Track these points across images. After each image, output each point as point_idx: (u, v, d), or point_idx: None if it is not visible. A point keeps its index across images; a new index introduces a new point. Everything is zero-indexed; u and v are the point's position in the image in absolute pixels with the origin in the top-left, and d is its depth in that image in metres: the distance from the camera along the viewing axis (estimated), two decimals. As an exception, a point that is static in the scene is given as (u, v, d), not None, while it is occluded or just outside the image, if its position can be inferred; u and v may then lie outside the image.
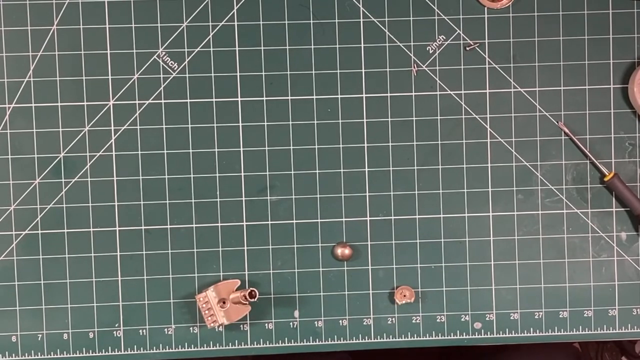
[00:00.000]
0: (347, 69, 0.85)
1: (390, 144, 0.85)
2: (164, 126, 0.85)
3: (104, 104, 0.84)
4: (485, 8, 0.85)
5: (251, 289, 0.81)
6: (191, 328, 0.85)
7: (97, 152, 0.84)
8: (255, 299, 0.81)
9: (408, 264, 0.85)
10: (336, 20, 0.85)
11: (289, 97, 0.85)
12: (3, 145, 0.84)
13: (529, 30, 0.85)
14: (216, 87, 0.85)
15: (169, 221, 0.85)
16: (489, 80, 0.86)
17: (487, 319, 0.86)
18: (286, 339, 0.85)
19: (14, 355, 0.84)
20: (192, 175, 0.85)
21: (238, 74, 0.85)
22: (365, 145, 0.85)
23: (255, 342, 0.85)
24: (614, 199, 0.86)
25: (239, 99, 0.85)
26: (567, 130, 0.86)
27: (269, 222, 0.85)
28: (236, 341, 0.85)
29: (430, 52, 0.85)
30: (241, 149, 0.85)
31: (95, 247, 0.84)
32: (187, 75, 0.85)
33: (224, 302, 0.82)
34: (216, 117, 0.85)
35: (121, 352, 0.85)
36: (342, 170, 0.85)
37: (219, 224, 0.85)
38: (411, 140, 0.85)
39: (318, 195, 0.85)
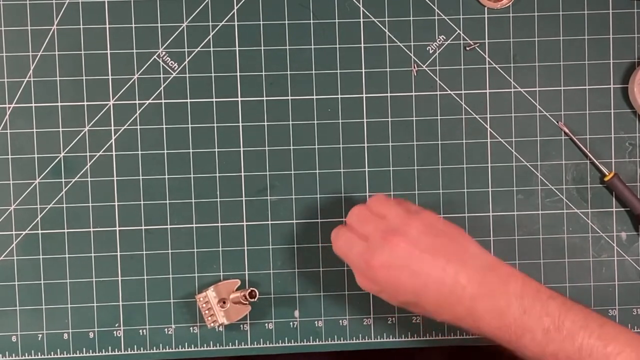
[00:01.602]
0: (347, 69, 0.85)
1: (390, 144, 0.85)
2: (164, 126, 0.85)
3: (104, 104, 0.84)
4: (485, 8, 0.85)
5: (251, 288, 0.81)
6: (191, 328, 0.85)
7: (97, 152, 0.84)
8: (255, 299, 0.81)
9: (408, 264, 0.85)
10: (336, 20, 0.85)
11: (289, 97, 0.85)
12: (3, 145, 0.84)
13: (529, 30, 0.86)
14: (216, 87, 0.85)
15: (169, 221, 0.85)
16: (489, 80, 0.86)
17: (487, 319, 0.86)
18: (286, 339, 0.85)
19: (14, 355, 0.84)
20: (192, 175, 0.85)
21: (238, 74, 0.85)
22: (365, 145, 0.85)
23: (255, 342, 0.85)
24: (614, 199, 0.86)
25: (239, 99, 0.85)
26: (567, 130, 0.86)
27: (269, 222, 0.85)
28: (236, 341, 0.85)
29: (430, 52, 0.85)
30: (241, 149, 0.85)
31: (95, 247, 0.84)
32: (187, 75, 0.85)
33: (224, 302, 0.82)
34: (216, 117, 0.85)
35: (121, 352, 0.85)
36: (342, 170, 0.85)
37: (219, 224, 0.85)
38: (411, 140, 0.85)
39: (318, 195, 0.85)
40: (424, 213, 0.72)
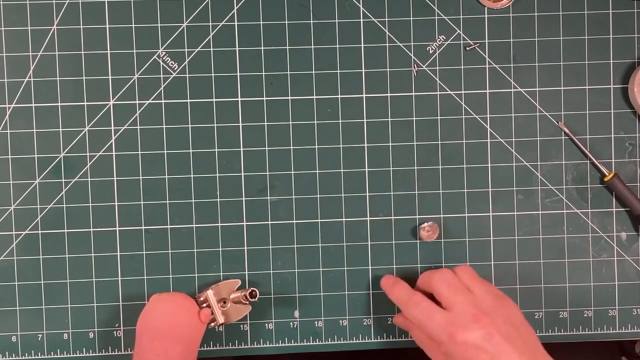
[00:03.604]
0: (347, 69, 0.85)
1: (390, 144, 0.85)
2: (164, 126, 0.85)
3: (104, 104, 0.84)
4: (485, 8, 0.85)
5: (252, 288, 0.81)
6: (191, 328, 0.85)
7: (97, 152, 0.84)
8: (256, 299, 0.81)
9: (408, 263, 0.85)
10: (336, 20, 0.85)
11: (289, 97, 0.85)
12: (3, 145, 0.84)
13: (529, 30, 0.86)
14: (216, 87, 0.85)
15: (169, 221, 0.85)
16: (489, 80, 0.86)
17: (487, 319, 0.86)
18: (286, 339, 0.85)
19: (14, 355, 0.84)
20: (192, 175, 0.85)
21: (238, 74, 0.85)
22: (365, 145, 0.85)
23: (255, 342, 0.85)
24: (614, 199, 0.86)
25: (239, 99, 0.85)
26: (567, 130, 0.86)
27: (269, 222, 0.85)
28: (236, 341, 0.85)
29: (430, 52, 0.85)
30: (241, 149, 0.85)
31: (95, 247, 0.84)
32: (187, 75, 0.85)
33: (224, 302, 0.82)
34: (216, 117, 0.85)
35: (121, 352, 0.85)
36: (342, 170, 0.85)
37: (219, 224, 0.85)
38: (411, 140, 0.86)
39: (318, 195, 0.85)
40: (510, 301, 0.75)
